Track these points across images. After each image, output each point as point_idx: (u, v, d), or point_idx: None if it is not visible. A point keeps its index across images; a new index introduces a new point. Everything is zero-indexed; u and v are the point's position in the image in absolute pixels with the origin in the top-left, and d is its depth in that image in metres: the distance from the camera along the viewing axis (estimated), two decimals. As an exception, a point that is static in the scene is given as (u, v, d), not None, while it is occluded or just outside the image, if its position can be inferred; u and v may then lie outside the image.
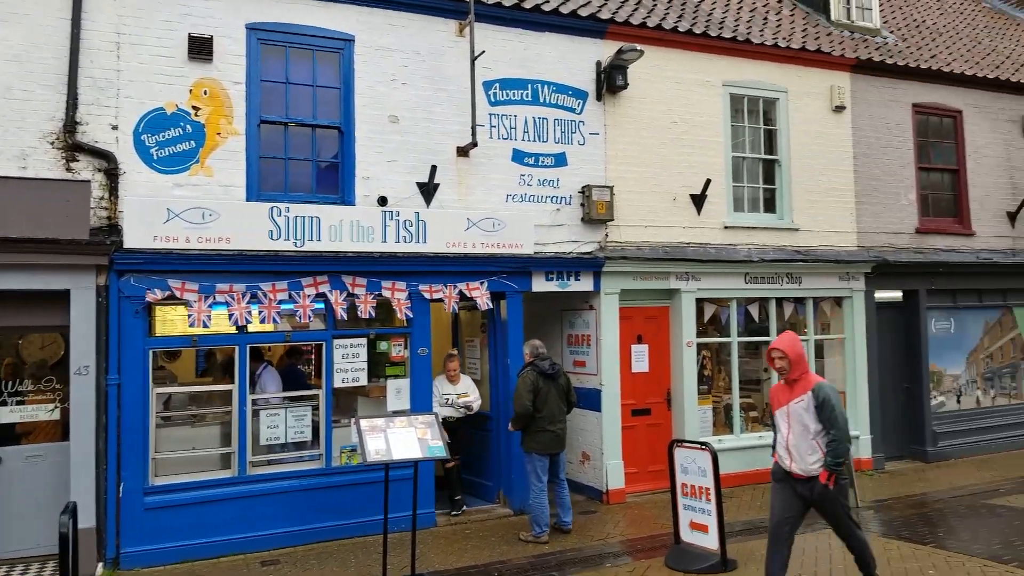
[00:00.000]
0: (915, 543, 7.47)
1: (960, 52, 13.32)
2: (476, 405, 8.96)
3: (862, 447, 10.77)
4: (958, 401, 12.12)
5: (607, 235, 9.47)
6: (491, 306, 8.84)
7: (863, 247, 11.18)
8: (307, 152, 8.26)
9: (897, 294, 11.64)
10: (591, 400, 9.46)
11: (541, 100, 9.26)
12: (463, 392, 8.89)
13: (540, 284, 9.08)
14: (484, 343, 9.60)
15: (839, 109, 11.18)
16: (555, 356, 10.05)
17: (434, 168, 8.49)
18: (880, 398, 11.14)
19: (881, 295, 11.32)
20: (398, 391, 8.48)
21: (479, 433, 9.27)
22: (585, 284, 9.31)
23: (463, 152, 8.74)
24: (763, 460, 10.07)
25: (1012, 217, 12.58)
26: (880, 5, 13.33)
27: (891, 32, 13.03)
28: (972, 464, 11.20)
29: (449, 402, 8.72)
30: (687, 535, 7.24)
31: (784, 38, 10.97)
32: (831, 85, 11.15)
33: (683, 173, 10.02)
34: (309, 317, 8.03)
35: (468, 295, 8.67)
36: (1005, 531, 7.84)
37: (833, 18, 12.32)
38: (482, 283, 8.72)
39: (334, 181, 8.33)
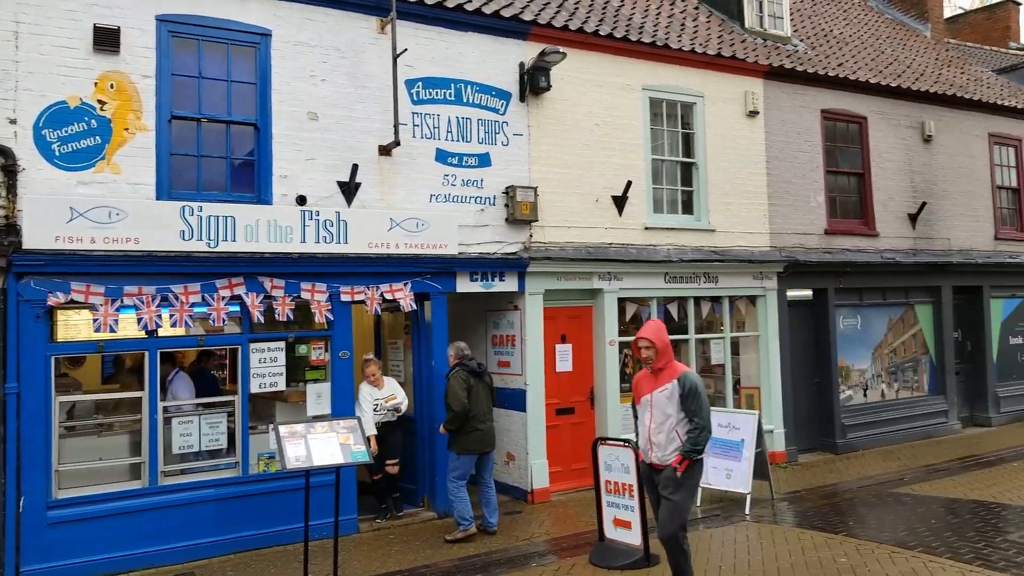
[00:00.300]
0: (828, 532, 7.76)
1: (865, 61, 13.95)
2: (404, 406, 8.75)
3: (776, 440, 11.15)
4: (865, 394, 12.70)
5: (531, 236, 9.50)
6: (415, 307, 8.75)
7: (775, 247, 11.57)
8: (221, 149, 7.98)
9: (807, 292, 12.10)
10: (516, 400, 9.48)
11: (464, 100, 9.22)
12: (390, 395, 8.69)
13: (464, 285, 9.04)
14: (408, 345, 9.50)
15: (753, 114, 11.54)
16: (479, 357, 10.02)
17: (355, 167, 8.34)
18: (793, 393, 11.56)
19: (792, 293, 11.75)
20: (319, 396, 8.28)
21: (403, 436, 9.15)
22: (510, 285, 9.32)
23: (385, 151, 8.61)
24: (683, 456, 10.30)
25: (913, 219, 13.25)
26: (790, 14, 13.83)
27: (801, 40, 13.53)
28: (878, 455, 11.74)
29: (377, 408, 8.53)
30: (611, 532, 7.33)
31: (701, 44, 11.25)
32: (745, 91, 11.49)
33: (605, 175, 10.15)
34: (224, 320, 7.75)
35: (391, 297, 8.55)
36: (910, 518, 8.24)
37: (747, 26, 12.71)
38: (405, 284, 8.62)
39: (250, 179, 8.07)
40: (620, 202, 10.20)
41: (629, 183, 10.18)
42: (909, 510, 8.60)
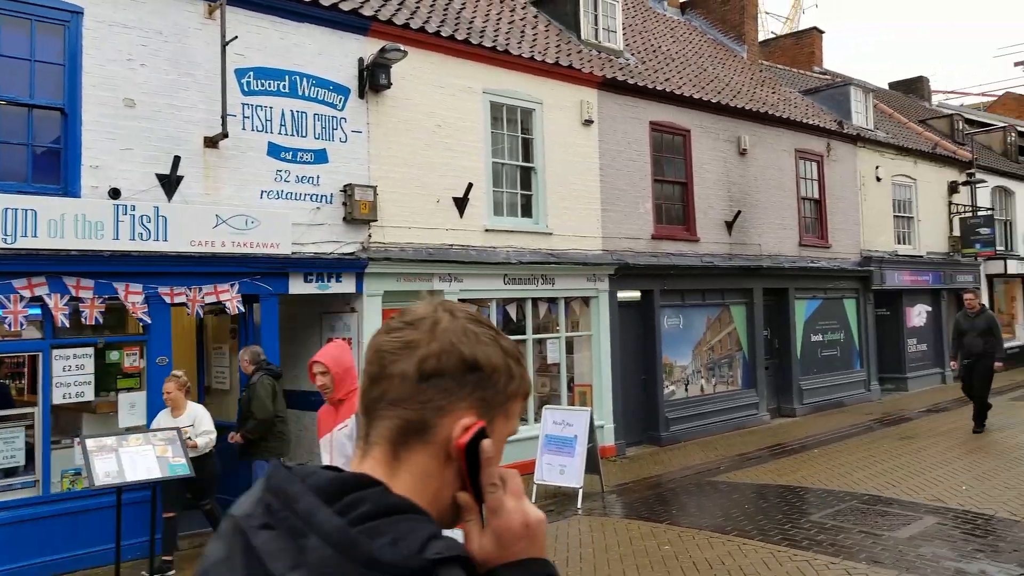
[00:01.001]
0: (653, 522, 8.18)
1: (689, 77, 14.88)
2: (205, 441, 7.23)
3: (606, 435, 11.64)
4: (686, 389, 13.54)
5: (370, 236, 9.32)
6: (243, 310, 8.32)
7: (608, 251, 12.08)
8: (22, 135, 7.20)
9: (636, 294, 12.73)
10: (352, 404, 9.25)
11: (300, 93, 8.89)
12: (187, 425, 7.13)
13: (298, 286, 8.71)
14: (234, 350, 9.01)
15: (588, 123, 11.98)
16: (314, 360, 9.73)
17: (177, 159, 7.80)
18: (622, 389, 12.11)
19: (622, 295, 12.32)
20: (132, 405, 7.66)
21: (228, 448, 8.66)
22: (347, 286, 9.09)
23: (212, 143, 8.13)
24: (519, 454, 10.48)
25: (729, 226, 14.28)
26: (623, 29, 14.48)
27: (632, 55, 14.21)
28: (698, 445, 12.55)
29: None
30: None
31: (540, 52, 11.53)
32: (581, 100, 11.91)
33: (446, 176, 10.15)
34: (22, 324, 7.00)
35: (216, 299, 8.08)
36: (726, 504, 8.86)
37: (583, 37, 13.18)
38: (232, 285, 8.17)
39: (55, 169, 7.34)
40: (461, 204, 10.24)
41: (470, 185, 10.24)
42: (725, 497, 9.24)
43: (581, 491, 9.03)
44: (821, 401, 15.92)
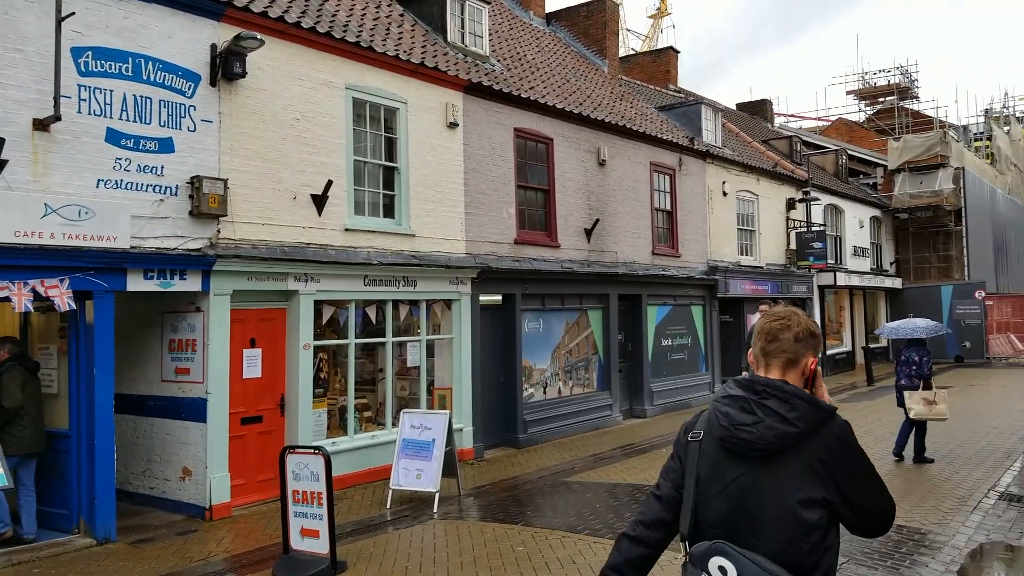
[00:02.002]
0: (508, 523, 8.25)
1: (553, 87, 15.21)
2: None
3: (465, 438, 11.65)
4: (544, 392, 13.80)
5: (219, 231, 8.86)
6: (74, 307, 7.66)
7: (471, 254, 12.12)
8: None
9: (498, 297, 12.85)
10: (195, 410, 8.74)
11: (145, 77, 8.32)
12: None
13: (137, 283, 8.13)
14: (63, 351, 8.27)
15: (453, 126, 11.97)
16: (154, 364, 9.18)
17: (1, 141, 7.09)
18: (482, 392, 12.17)
19: (484, 298, 12.40)
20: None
21: (52, 455, 7.97)
22: (192, 284, 8.58)
23: (43, 126, 7.45)
24: (376, 459, 10.35)
25: (588, 234, 14.71)
26: (489, 35, 14.60)
27: (499, 61, 14.36)
28: (555, 447, 12.82)
29: None
30: (297, 543, 7.06)
31: (405, 51, 11.40)
32: (446, 102, 11.89)
33: (305, 172, 9.82)
34: None
35: (44, 294, 7.40)
36: (578, 504, 9.08)
37: (449, 40, 13.17)
38: (62, 280, 7.51)
39: None
40: (320, 201, 9.94)
41: (330, 182, 9.96)
42: (578, 497, 9.47)
43: (438, 495, 8.98)
44: (670, 402, 16.69)
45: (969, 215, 30.11)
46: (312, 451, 7.20)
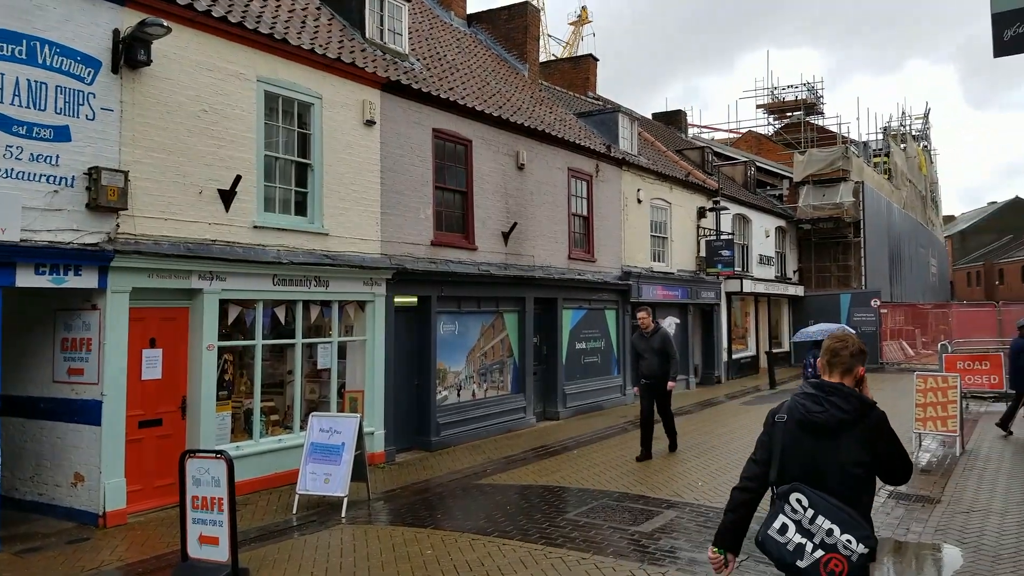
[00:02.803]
0: (417, 527, 8.17)
1: (473, 89, 15.20)
2: None
3: (376, 442, 11.49)
4: (458, 394, 13.76)
5: (119, 226, 8.45)
6: (-45, 302, 7.17)
7: (386, 255, 11.97)
8: None
9: (413, 299, 12.72)
10: (89, 413, 8.30)
11: (41, 62, 7.86)
12: None
13: (28, 279, 7.66)
14: (-56, 348, 7.75)
15: (370, 123, 11.80)
16: (45, 364, 8.68)
17: None
18: (395, 395, 12.03)
19: (400, 300, 12.26)
20: None
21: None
22: (88, 280, 8.15)
23: (-79, 108, 6.95)
24: (283, 463, 10.08)
25: (506, 237, 14.76)
26: (409, 33, 14.48)
27: (418, 60, 14.25)
28: (468, 450, 12.79)
29: None
30: (196, 550, 6.79)
31: (321, 45, 11.17)
32: (363, 99, 11.71)
33: (212, 166, 9.49)
34: None
35: (-80, 288, 6.90)
36: (489, 506, 9.08)
37: (368, 36, 12.98)
38: (-58, 273, 7.02)
39: None
40: (228, 197, 9.63)
41: (238, 178, 9.66)
42: (489, 499, 9.47)
43: (346, 500, 8.82)
44: (583, 405, 16.91)
45: (867, 227, 31.73)
46: (214, 455, 6.94)
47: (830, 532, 3.36)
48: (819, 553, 3.35)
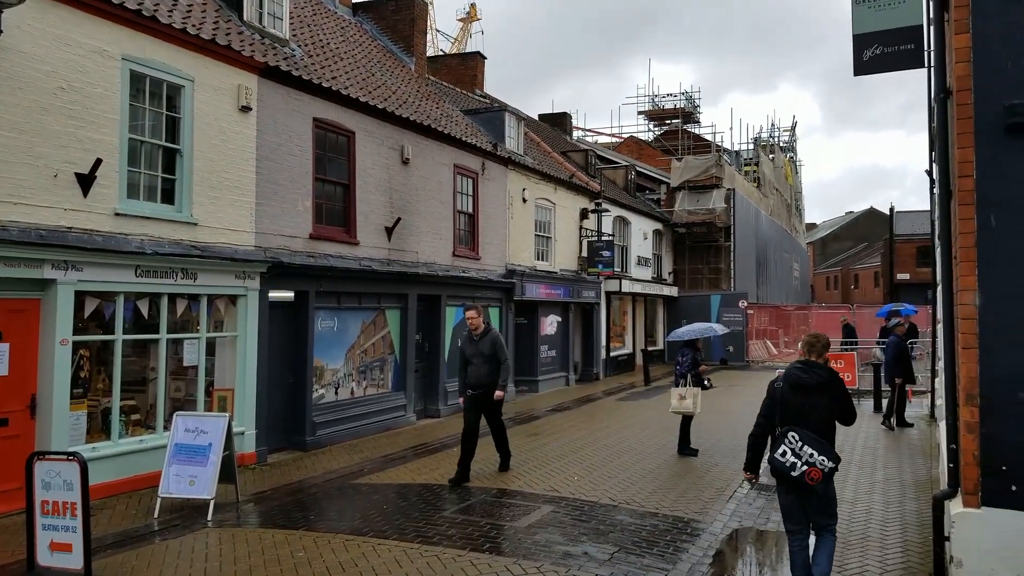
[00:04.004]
0: (289, 529, 7.90)
1: (357, 79, 14.88)
2: None
3: (247, 442, 11.05)
4: (336, 393, 13.43)
5: (-43, 208, 7.72)
6: None
7: (260, 247, 11.52)
8: None
9: (289, 294, 12.31)
10: (-80, 412, 7.56)
11: None
12: None
13: None
14: None
15: (245, 109, 11.33)
16: None
17: None
18: (268, 393, 11.59)
19: (275, 294, 11.82)
20: None
21: None
22: (-81, 266, 7.40)
23: None
24: (145, 465, 9.53)
25: (389, 232, 14.54)
26: (290, 18, 14.00)
27: (299, 46, 13.80)
28: (345, 449, 12.51)
29: None
30: (46, 558, 6.35)
31: (195, 25, 10.62)
32: (239, 84, 11.22)
33: (69, 148, 8.83)
34: None
35: None
36: (365, 506, 8.91)
37: (245, 19, 12.45)
38: None
39: None
40: (87, 181, 8.98)
41: (99, 161, 9.03)
42: (366, 499, 9.30)
43: (213, 502, 8.42)
44: (465, 403, 16.88)
45: (737, 232, 33.42)
46: (65, 457, 6.50)
47: (811, 455, 5.46)
48: (805, 467, 5.46)
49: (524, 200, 20.16)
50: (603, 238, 24.02)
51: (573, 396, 20.04)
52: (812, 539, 5.74)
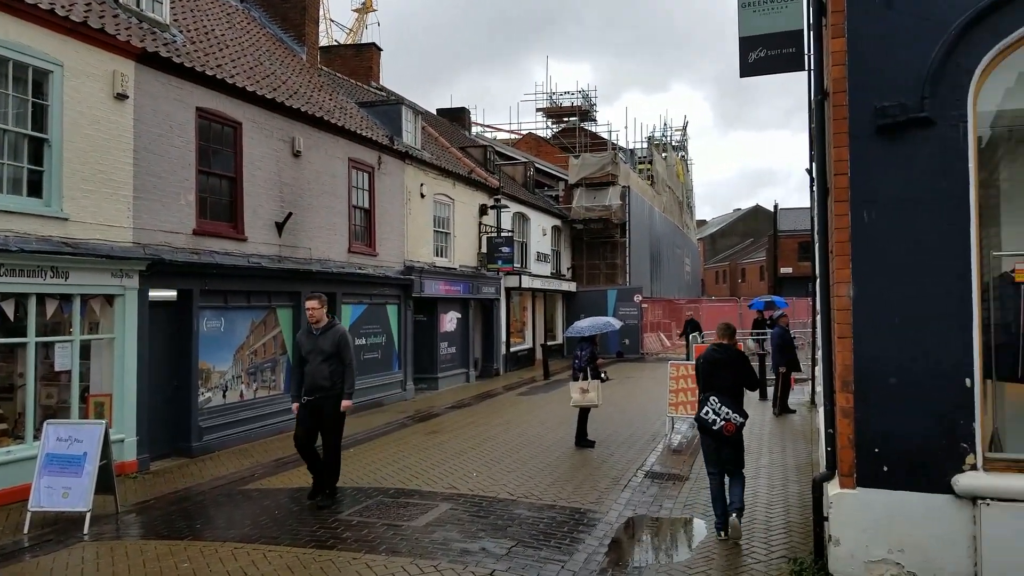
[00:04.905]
0: (173, 540, 7.50)
1: (244, 68, 14.29)
2: None
3: (127, 450, 10.43)
4: (224, 396, 12.87)
5: None
6: None
7: (139, 244, 10.88)
8: None
9: (172, 293, 11.69)
10: None
11: None
12: None
13: None
14: None
15: (121, 97, 10.66)
16: None
17: None
18: (150, 398, 10.97)
19: (156, 294, 11.19)
20: None
21: None
22: None
23: None
24: (13, 478, 8.88)
25: (280, 227, 14.05)
26: (171, 2, 13.30)
27: (181, 32, 13.12)
28: (235, 454, 12.00)
29: None
30: None
31: (64, 6, 9.91)
32: (114, 70, 10.55)
33: (-85, 134, 8.05)
34: None
35: None
36: (256, 512, 8.55)
37: (122, 1, 11.72)
38: None
39: None
40: (-63, 172, 8.22)
41: (-48, 150, 8.28)
42: (257, 504, 8.93)
43: (89, 514, 7.90)
44: (362, 401, 16.50)
45: (632, 229, 34.25)
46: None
47: (727, 413, 7.15)
48: (722, 422, 7.14)
49: (422, 195, 19.94)
50: (503, 234, 24.08)
51: (473, 392, 20.02)
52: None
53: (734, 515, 7.17)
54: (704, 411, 7.23)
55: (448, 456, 11.37)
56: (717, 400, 7.16)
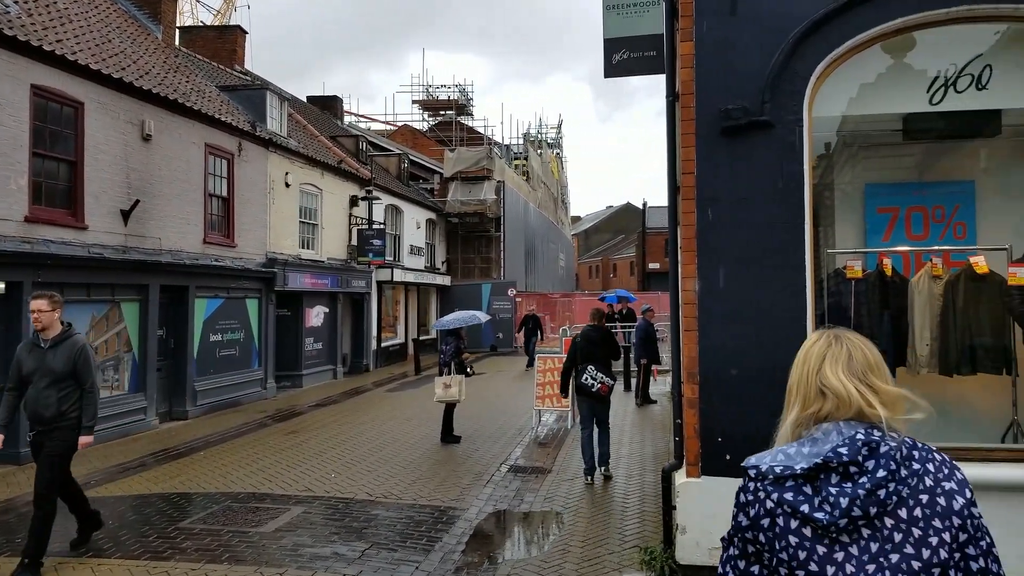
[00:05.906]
0: (-13, 559, 6.79)
1: (89, 45, 13.21)
2: None
3: (-58, 459, 9.40)
4: (63, 397, 11.84)
5: None
6: None
7: (-43, 231, 9.83)
8: None
9: (0, 286, 10.64)
10: None
11: None
12: None
13: None
14: None
15: (-66, 67, 9.58)
16: None
17: None
18: (-30, 401, 9.93)
19: (-22, 286, 10.17)
20: None
21: None
22: None
23: None
24: None
25: (126, 215, 13.09)
26: (0, -34, 12.08)
27: (16, 3, 11.96)
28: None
29: None
30: None
31: None
32: (-75, 36, 9.45)
33: None
34: None
35: None
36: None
37: (-64, -40, 10.54)
38: None
39: None
40: None
41: None
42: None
43: None
44: (217, 401, 15.77)
45: (506, 223, 34.47)
46: None
47: (602, 378, 8.98)
48: (599, 384, 8.96)
49: (287, 185, 19.19)
50: (374, 226, 23.60)
51: (341, 389, 19.50)
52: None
53: (604, 467, 9.28)
54: (584, 378, 9.03)
55: (306, 457, 10.96)
56: (594, 368, 9.02)
